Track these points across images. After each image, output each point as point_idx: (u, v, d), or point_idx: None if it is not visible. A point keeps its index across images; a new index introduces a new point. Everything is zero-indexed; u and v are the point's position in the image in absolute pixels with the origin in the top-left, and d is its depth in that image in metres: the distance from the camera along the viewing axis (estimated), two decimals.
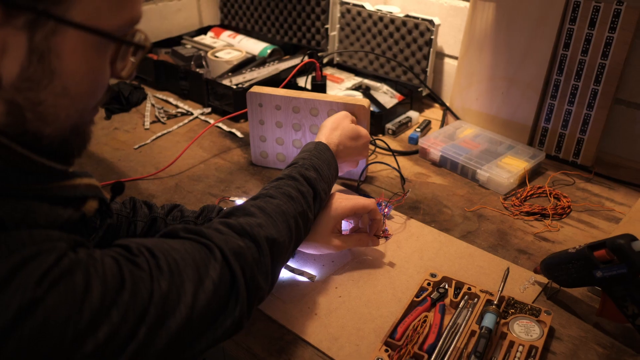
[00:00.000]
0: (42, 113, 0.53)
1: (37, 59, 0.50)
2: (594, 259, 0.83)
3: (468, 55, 1.46)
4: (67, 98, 0.54)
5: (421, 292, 0.93)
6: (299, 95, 1.21)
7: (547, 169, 1.32)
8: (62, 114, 0.55)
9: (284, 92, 1.22)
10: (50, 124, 0.55)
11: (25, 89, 0.51)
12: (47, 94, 0.53)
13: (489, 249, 1.06)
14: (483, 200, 1.21)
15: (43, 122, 0.54)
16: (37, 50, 0.50)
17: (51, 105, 0.53)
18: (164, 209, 0.98)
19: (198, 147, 1.41)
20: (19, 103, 0.52)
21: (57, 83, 0.52)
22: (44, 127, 0.55)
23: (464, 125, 1.45)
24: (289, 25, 1.85)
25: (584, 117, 1.29)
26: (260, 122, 1.26)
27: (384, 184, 1.26)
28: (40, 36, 0.50)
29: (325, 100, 1.18)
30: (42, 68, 0.51)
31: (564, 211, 1.16)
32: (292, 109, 1.22)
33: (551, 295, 0.95)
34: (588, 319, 0.90)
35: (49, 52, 0.51)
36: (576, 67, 1.27)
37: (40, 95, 0.52)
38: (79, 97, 0.55)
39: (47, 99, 0.53)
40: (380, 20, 1.63)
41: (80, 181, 0.63)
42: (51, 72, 0.52)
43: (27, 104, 0.52)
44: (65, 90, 0.53)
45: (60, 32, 0.50)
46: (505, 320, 0.86)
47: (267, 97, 1.22)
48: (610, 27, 1.21)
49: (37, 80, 0.51)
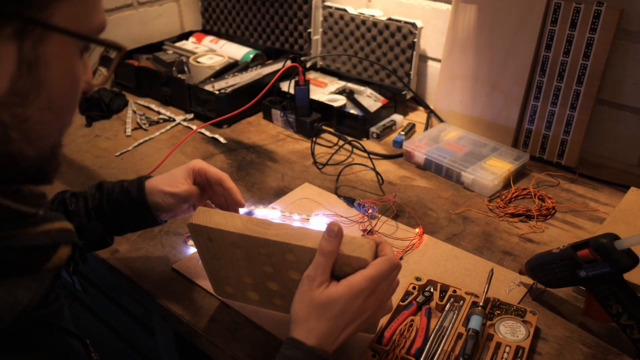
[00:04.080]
0: (28, 131, 0.51)
1: (27, 70, 0.49)
2: (578, 259, 0.84)
3: (451, 58, 1.47)
4: (51, 113, 0.52)
5: (406, 296, 0.94)
6: (264, 232, 0.78)
7: (532, 171, 1.34)
8: (47, 131, 0.53)
9: (241, 227, 0.79)
10: (34, 144, 0.53)
11: (13, 105, 0.49)
12: (33, 109, 0.51)
13: (474, 251, 1.07)
14: (468, 203, 1.22)
15: (27, 142, 0.52)
16: (26, 60, 0.49)
17: (37, 122, 0.52)
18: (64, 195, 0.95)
19: (181, 154, 1.41)
20: (5, 121, 0.49)
21: (44, 95, 0.51)
22: (26, 147, 0.52)
23: (448, 127, 1.46)
24: (271, 30, 1.86)
25: (567, 118, 1.30)
26: (215, 256, 0.86)
27: (368, 187, 1.27)
28: (28, 45, 0.48)
29: (306, 246, 0.75)
30: (30, 79, 0.50)
31: (548, 212, 1.17)
32: (258, 250, 0.80)
33: (536, 296, 0.96)
34: (573, 319, 0.92)
35: (37, 62, 0.49)
36: (558, 68, 1.29)
37: (27, 111, 0.50)
38: (61, 111, 0.54)
39: (34, 114, 0.51)
40: (362, 24, 1.64)
41: (51, 226, 0.57)
42: (39, 83, 0.50)
43: (14, 122, 0.50)
44: (50, 103, 0.52)
45: (46, 39, 0.49)
46: (492, 321, 0.87)
47: (216, 232, 0.81)
48: (590, 28, 1.22)
49: (26, 93, 0.50)
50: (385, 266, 0.73)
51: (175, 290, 0.99)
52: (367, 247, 0.74)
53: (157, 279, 1.01)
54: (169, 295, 0.98)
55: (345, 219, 1.15)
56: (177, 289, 0.99)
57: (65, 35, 0.50)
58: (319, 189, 1.27)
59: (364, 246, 0.74)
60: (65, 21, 0.50)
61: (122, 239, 1.09)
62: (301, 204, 1.21)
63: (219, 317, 0.93)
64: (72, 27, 0.51)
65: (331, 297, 0.71)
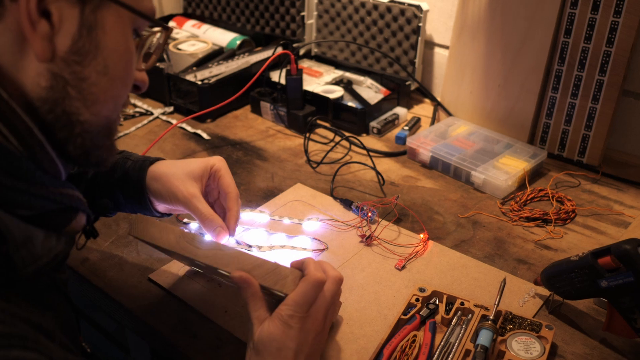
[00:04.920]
0: (85, 91, 0.62)
1: (87, 32, 0.60)
2: (599, 267, 0.85)
3: (460, 44, 1.48)
4: (106, 77, 0.63)
5: (409, 308, 0.94)
6: (195, 251, 0.83)
7: (549, 170, 1.34)
8: (102, 96, 0.64)
9: (174, 243, 0.84)
10: (90, 106, 0.63)
11: (73, 62, 0.61)
12: (90, 70, 0.62)
13: (485, 259, 1.07)
14: (478, 205, 1.23)
15: (83, 101, 0.63)
16: (87, 23, 0.60)
17: (93, 84, 0.63)
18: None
19: (159, 151, 1.42)
20: (65, 77, 0.61)
21: (100, 59, 0.62)
22: (83, 109, 0.63)
23: (456, 122, 1.46)
24: (260, 13, 1.86)
25: (589, 111, 1.31)
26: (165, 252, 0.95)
27: (367, 188, 1.28)
28: (89, 10, 0.60)
29: (230, 273, 0.80)
30: (89, 41, 0.61)
31: (567, 216, 1.18)
32: (195, 262, 0.87)
33: (553, 308, 0.96)
34: (594, 334, 0.92)
35: (95, 26, 0.61)
36: (579, 56, 1.30)
37: (85, 71, 0.62)
38: (115, 80, 0.65)
39: (91, 75, 0.62)
40: (362, 7, 1.64)
41: (72, 192, 0.68)
42: (96, 46, 0.61)
43: (73, 79, 0.61)
44: (105, 68, 0.63)
45: (103, 7, 0.61)
46: (503, 337, 0.88)
47: (152, 243, 0.89)
48: (615, 11, 1.23)
49: (85, 53, 0.61)
50: (308, 288, 0.78)
51: (152, 303, 0.99)
52: (290, 279, 0.79)
53: (131, 290, 1.02)
54: (145, 308, 0.98)
55: (342, 223, 1.16)
56: (154, 302, 0.99)
57: (120, 6, 0.62)
58: (313, 190, 1.27)
59: (287, 277, 0.80)
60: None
61: (92, 245, 1.10)
62: (293, 207, 1.22)
63: (201, 332, 0.93)
64: (128, 1, 0.63)
65: (264, 335, 0.77)
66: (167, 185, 0.95)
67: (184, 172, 0.96)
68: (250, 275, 0.79)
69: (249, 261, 0.80)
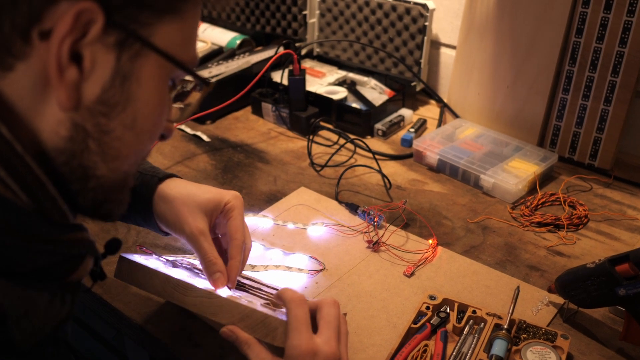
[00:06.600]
0: (106, 145, 0.58)
1: (120, 82, 0.56)
2: (616, 275, 0.84)
3: (467, 44, 1.47)
4: (132, 133, 0.59)
5: (419, 317, 0.93)
6: (182, 298, 0.84)
7: (561, 174, 1.34)
8: (124, 151, 0.60)
9: (160, 289, 0.86)
10: (109, 162, 0.59)
11: (99, 114, 0.56)
12: (116, 123, 0.58)
13: (496, 266, 1.07)
14: (488, 210, 1.22)
15: (102, 156, 0.59)
16: (122, 71, 0.56)
17: (116, 138, 0.58)
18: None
19: (158, 154, 1.41)
20: (87, 129, 0.56)
21: (130, 112, 0.58)
22: (101, 163, 0.59)
23: (464, 124, 1.46)
24: (260, 12, 1.86)
25: (601, 113, 1.30)
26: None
27: (373, 192, 1.27)
28: (126, 57, 0.55)
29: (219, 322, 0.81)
30: (121, 92, 0.56)
31: (580, 221, 1.17)
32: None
33: (568, 317, 0.96)
34: (610, 343, 0.91)
35: (130, 75, 0.56)
36: (591, 57, 1.29)
37: (110, 124, 0.57)
38: (142, 134, 0.61)
39: (116, 129, 0.58)
40: (366, 5, 1.64)
41: (82, 235, 0.63)
42: (127, 98, 0.57)
43: (95, 132, 0.57)
44: (134, 122, 0.59)
45: (143, 56, 0.56)
46: (517, 347, 0.87)
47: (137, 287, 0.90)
48: (628, 10, 1.22)
49: (114, 105, 0.56)
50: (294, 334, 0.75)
51: (152, 310, 0.98)
52: (280, 331, 0.77)
53: (131, 296, 1.01)
54: (144, 315, 0.97)
55: (348, 228, 1.15)
56: (154, 309, 0.98)
57: (161, 56, 0.58)
58: (317, 194, 1.26)
59: (276, 329, 0.77)
60: (164, 44, 0.58)
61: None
62: (297, 212, 1.21)
63: (203, 341, 0.92)
64: (170, 51, 0.58)
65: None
66: (174, 212, 0.90)
67: (195, 203, 0.90)
68: (238, 328, 0.77)
69: (237, 311, 0.78)
